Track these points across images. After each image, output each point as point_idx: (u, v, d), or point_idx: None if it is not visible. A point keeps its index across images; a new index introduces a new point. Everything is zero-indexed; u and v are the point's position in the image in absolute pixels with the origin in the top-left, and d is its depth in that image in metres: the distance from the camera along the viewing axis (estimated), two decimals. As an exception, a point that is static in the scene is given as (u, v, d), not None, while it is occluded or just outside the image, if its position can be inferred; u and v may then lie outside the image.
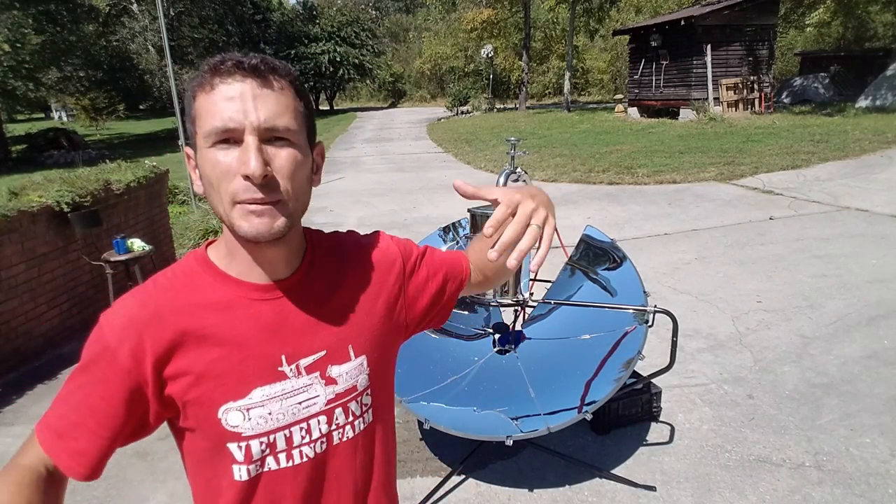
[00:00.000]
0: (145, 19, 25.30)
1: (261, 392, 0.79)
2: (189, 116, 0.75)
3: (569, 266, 3.19)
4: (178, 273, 0.81)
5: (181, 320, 0.77)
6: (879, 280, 4.72)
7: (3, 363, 3.78)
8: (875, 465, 2.61)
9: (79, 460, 0.77)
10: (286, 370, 0.81)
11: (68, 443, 0.77)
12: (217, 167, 0.71)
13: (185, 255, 0.85)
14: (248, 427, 0.79)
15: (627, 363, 2.40)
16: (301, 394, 0.82)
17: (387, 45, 42.41)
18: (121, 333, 0.75)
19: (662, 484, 2.56)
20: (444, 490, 2.57)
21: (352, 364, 0.86)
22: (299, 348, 0.82)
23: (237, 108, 0.70)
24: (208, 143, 0.72)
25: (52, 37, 17.33)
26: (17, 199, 3.98)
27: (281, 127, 0.72)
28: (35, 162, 15.89)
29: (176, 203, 8.45)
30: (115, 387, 0.75)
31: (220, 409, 0.78)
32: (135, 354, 0.75)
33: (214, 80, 0.71)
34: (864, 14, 21.02)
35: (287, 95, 0.74)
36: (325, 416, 0.84)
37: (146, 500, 2.62)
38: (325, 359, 0.83)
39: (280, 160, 0.72)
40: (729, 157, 10.46)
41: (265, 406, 0.79)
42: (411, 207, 8.39)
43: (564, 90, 24.53)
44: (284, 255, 0.81)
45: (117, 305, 0.78)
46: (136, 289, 0.81)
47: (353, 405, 0.87)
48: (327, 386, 0.84)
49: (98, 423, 0.76)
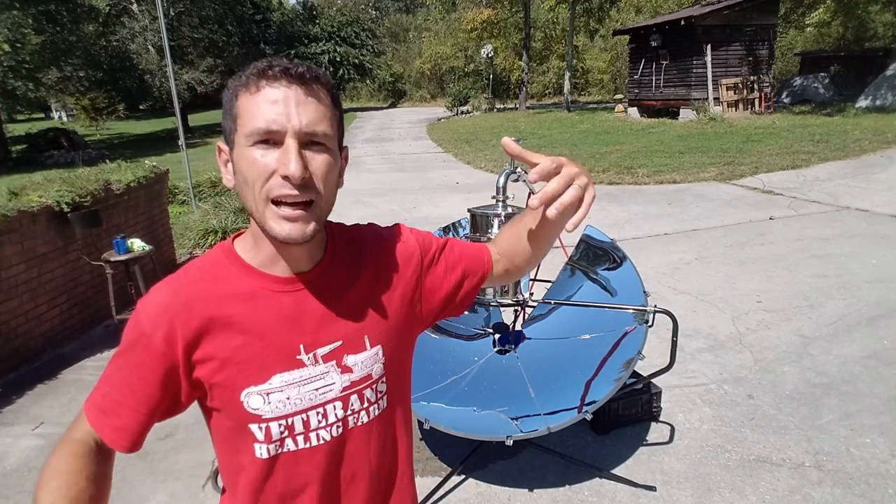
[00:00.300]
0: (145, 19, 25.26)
1: (280, 378, 0.84)
2: (228, 114, 0.79)
3: (569, 266, 3.19)
4: (207, 264, 0.87)
5: (209, 309, 0.82)
6: (879, 280, 4.72)
7: (3, 363, 3.78)
8: (875, 465, 2.61)
9: (121, 434, 0.83)
10: (304, 359, 0.86)
11: (112, 419, 0.83)
12: (255, 166, 0.76)
13: (214, 246, 0.91)
14: (268, 410, 0.84)
15: (627, 363, 2.40)
16: (318, 381, 0.87)
17: (387, 45, 42.39)
18: (155, 320, 0.81)
19: (662, 484, 2.56)
20: (445, 490, 2.57)
21: (367, 354, 0.90)
22: (317, 338, 0.86)
23: (281, 112, 0.74)
24: (249, 143, 0.76)
25: (52, 37, 17.33)
26: (17, 199, 3.98)
27: (319, 132, 0.77)
28: (35, 162, 15.90)
29: (176, 203, 8.45)
30: (151, 369, 0.82)
31: (243, 393, 0.83)
32: (168, 339, 0.81)
33: (261, 82, 0.75)
34: (864, 14, 21.02)
35: (326, 104, 0.78)
36: (340, 402, 0.89)
37: (146, 500, 2.62)
38: (341, 348, 0.88)
39: (316, 163, 0.77)
40: (729, 157, 10.46)
41: (284, 391, 0.84)
42: (411, 207, 8.39)
43: (564, 90, 24.52)
44: (308, 251, 0.86)
45: (153, 294, 0.84)
46: (170, 278, 0.86)
47: (367, 392, 0.91)
48: (343, 374, 0.88)
49: (137, 401, 0.82)
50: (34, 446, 3.05)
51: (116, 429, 0.83)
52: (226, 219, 6.69)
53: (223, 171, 0.84)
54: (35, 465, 2.89)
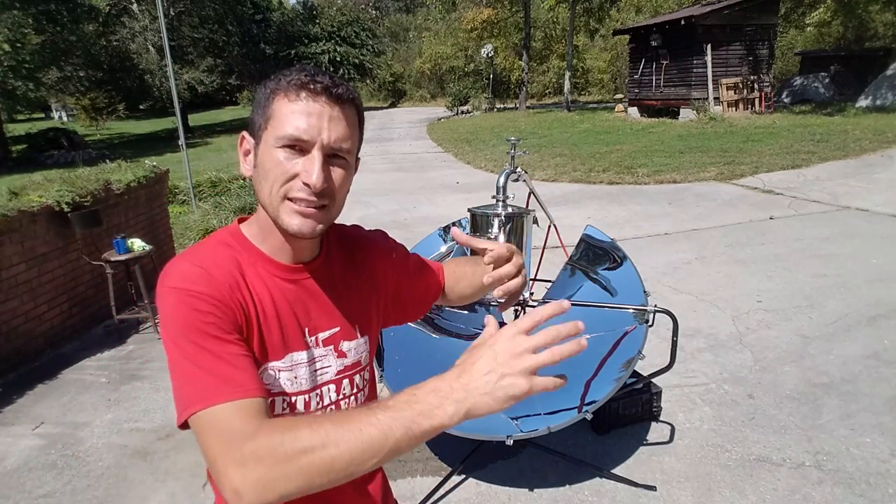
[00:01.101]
0: (145, 19, 25.25)
1: (291, 357, 0.89)
2: (261, 109, 0.84)
3: (569, 266, 3.19)
4: (220, 246, 0.88)
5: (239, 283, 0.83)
6: (880, 280, 4.72)
7: (4, 363, 3.78)
8: (875, 464, 2.61)
9: (258, 382, 0.75)
10: (309, 341, 0.91)
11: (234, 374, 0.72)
12: (280, 166, 0.81)
13: (219, 230, 0.92)
14: (277, 386, 0.88)
15: (628, 363, 2.40)
16: (318, 362, 0.92)
17: (387, 45, 42.32)
18: (202, 282, 0.78)
19: (663, 483, 2.56)
20: (445, 490, 2.57)
21: (358, 341, 0.98)
22: (319, 323, 0.92)
23: (314, 125, 0.80)
24: (278, 144, 0.81)
25: (52, 37, 17.35)
26: (17, 199, 3.98)
27: (343, 149, 0.84)
28: (35, 162, 15.91)
29: (176, 203, 8.45)
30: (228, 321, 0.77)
31: (261, 368, 0.85)
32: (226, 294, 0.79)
33: (301, 93, 0.81)
34: (865, 14, 20.99)
35: (353, 123, 0.86)
36: (334, 384, 0.95)
37: (146, 500, 2.62)
38: (338, 334, 0.94)
39: (335, 176, 0.84)
40: (729, 157, 10.46)
41: (293, 370, 0.89)
42: (411, 207, 8.39)
43: (564, 90, 24.51)
44: (311, 245, 0.92)
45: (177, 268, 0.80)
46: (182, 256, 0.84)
47: (357, 378, 0.98)
48: (339, 358, 0.95)
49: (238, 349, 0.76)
50: (34, 446, 3.05)
51: (254, 378, 0.74)
52: (226, 218, 6.69)
53: (242, 160, 0.90)
54: (35, 465, 2.89)
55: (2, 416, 3.36)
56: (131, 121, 32.62)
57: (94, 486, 2.72)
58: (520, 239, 2.45)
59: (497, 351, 0.67)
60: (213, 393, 0.70)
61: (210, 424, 0.69)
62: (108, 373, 3.82)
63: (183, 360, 0.73)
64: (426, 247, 3.36)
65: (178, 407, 0.72)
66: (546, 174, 10.22)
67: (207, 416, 0.69)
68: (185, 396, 0.72)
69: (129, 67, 26.53)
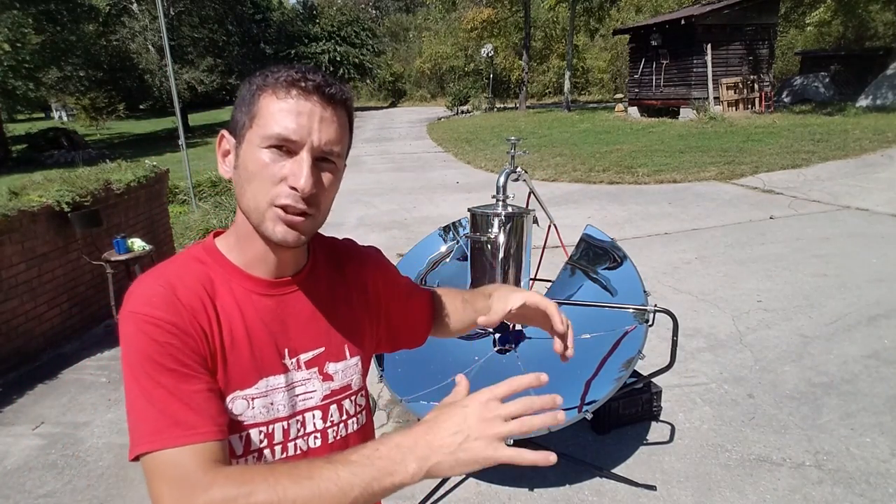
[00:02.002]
0: (145, 19, 25.24)
1: (265, 382, 0.81)
2: (245, 107, 0.78)
3: (569, 265, 3.19)
4: (191, 262, 0.81)
5: (204, 305, 0.77)
6: (880, 279, 4.72)
7: (4, 363, 3.78)
8: (875, 464, 2.61)
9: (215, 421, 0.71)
10: (288, 363, 0.83)
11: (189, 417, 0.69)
12: (266, 169, 0.75)
13: (193, 245, 0.87)
14: (251, 416, 0.80)
15: (628, 362, 2.40)
16: (299, 387, 0.84)
17: (387, 45, 42.32)
18: (164, 307, 0.73)
19: (663, 483, 2.56)
20: (445, 489, 2.58)
21: (347, 363, 0.90)
22: (301, 343, 0.85)
23: (303, 125, 0.75)
24: (264, 144, 0.75)
25: (52, 36, 17.34)
26: (17, 199, 3.98)
27: (333, 151, 0.78)
28: (35, 161, 15.90)
29: (176, 203, 8.45)
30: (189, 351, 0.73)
31: (229, 398, 0.78)
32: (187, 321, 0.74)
33: (291, 90, 0.75)
34: (865, 13, 20.98)
35: (344, 125, 0.80)
36: (320, 410, 0.87)
37: (146, 500, 2.62)
38: (323, 355, 0.87)
39: (324, 180, 0.78)
40: (729, 157, 10.46)
41: (268, 396, 0.81)
42: (411, 207, 8.39)
43: (564, 90, 24.50)
44: (294, 256, 0.86)
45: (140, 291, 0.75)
46: (148, 275, 0.78)
47: (346, 403, 0.90)
48: (324, 382, 0.87)
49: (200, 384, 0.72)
50: (35, 446, 3.05)
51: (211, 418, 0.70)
52: (226, 218, 6.70)
53: (220, 161, 0.83)
54: (35, 464, 2.89)
55: (2, 415, 3.36)
56: (131, 120, 32.61)
57: (94, 485, 2.72)
58: (520, 239, 2.45)
59: (468, 413, 0.66)
60: (164, 435, 0.67)
61: (160, 469, 0.66)
62: (108, 372, 3.82)
63: (138, 393, 0.69)
64: (426, 247, 3.37)
65: (130, 442, 0.68)
66: (546, 174, 10.22)
67: (157, 460, 0.66)
68: (136, 433, 0.68)
69: (129, 67, 26.51)
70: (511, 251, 2.43)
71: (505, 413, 0.65)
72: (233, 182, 0.81)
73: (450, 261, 3.26)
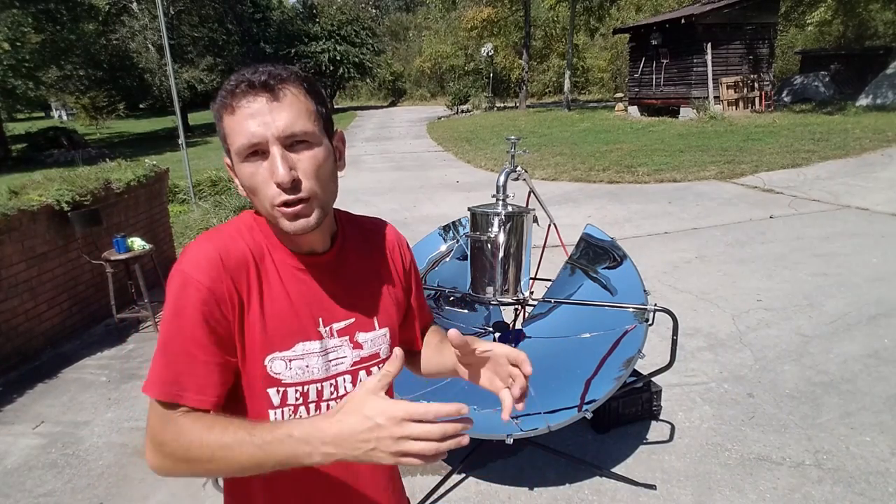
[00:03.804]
0: (145, 18, 25.21)
1: (302, 346, 0.89)
2: (220, 135, 0.85)
3: (569, 265, 3.19)
4: (243, 228, 0.90)
5: (251, 270, 0.86)
6: (880, 278, 4.72)
7: (4, 362, 3.78)
8: (875, 463, 2.61)
9: (206, 391, 0.82)
10: (322, 331, 0.92)
11: (188, 380, 0.81)
12: (253, 178, 0.82)
13: (241, 213, 0.95)
14: (288, 375, 0.89)
15: (628, 362, 2.40)
16: (332, 353, 0.93)
17: (387, 44, 42.28)
18: (210, 273, 0.82)
19: (662, 482, 2.56)
20: (445, 489, 2.58)
21: (376, 333, 0.98)
22: (334, 314, 0.93)
23: (258, 123, 0.79)
24: (241, 159, 0.82)
25: (51, 35, 17.31)
26: (17, 198, 3.98)
27: (299, 132, 0.81)
28: (35, 161, 15.89)
29: (176, 202, 8.44)
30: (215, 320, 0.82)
31: (267, 357, 0.87)
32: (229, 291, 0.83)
33: (233, 101, 0.81)
34: (865, 12, 20.98)
35: (299, 100, 0.82)
36: (350, 375, 0.95)
37: (146, 499, 2.63)
38: (354, 325, 0.95)
39: (304, 163, 0.82)
40: (729, 156, 10.46)
41: (304, 359, 0.90)
42: (412, 206, 8.39)
43: (565, 89, 24.49)
44: (319, 237, 0.93)
45: (197, 251, 0.84)
46: (207, 235, 0.88)
47: (375, 370, 0.98)
48: (354, 349, 0.95)
49: (208, 355, 0.82)
50: (35, 445, 3.05)
51: (199, 387, 0.81)
52: (226, 217, 6.69)
53: (235, 182, 0.90)
54: (35, 463, 2.89)
55: (2, 415, 3.37)
56: (131, 120, 32.60)
57: (94, 484, 2.73)
58: (520, 238, 2.45)
59: (380, 424, 0.69)
60: (164, 389, 0.81)
61: (153, 408, 0.83)
62: (108, 372, 3.82)
63: (162, 338, 0.82)
64: (426, 246, 3.37)
65: (147, 377, 0.83)
66: (546, 173, 10.22)
67: (153, 402, 0.82)
68: (150, 374, 0.82)
69: (129, 66, 26.47)
70: (511, 250, 2.43)
71: (415, 434, 0.69)
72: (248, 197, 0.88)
73: (450, 260, 3.27)
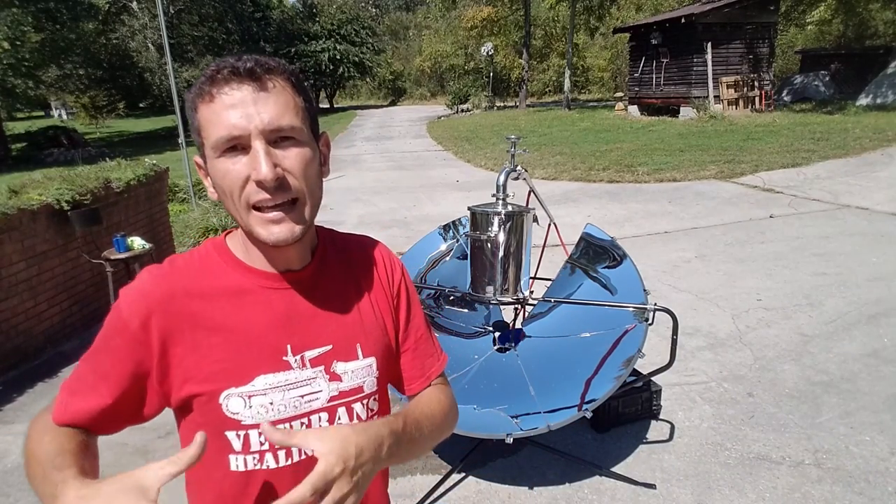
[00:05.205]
0: (145, 17, 25.23)
1: (263, 380, 0.78)
2: (193, 128, 0.76)
3: (569, 264, 3.19)
4: (196, 257, 0.83)
5: (191, 303, 0.78)
6: (879, 278, 4.72)
7: (4, 361, 3.78)
8: (874, 462, 2.61)
9: (76, 416, 0.80)
10: (290, 360, 0.80)
11: (76, 399, 0.80)
12: (228, 176, 0.73)
13: (205, 241, 0.87)
14: (249, 415, 0.78)
15: (627, 361, 2.40)
16: (304, 386, 0.80)
17: (387, 43, 42.31)
18: (132, 307, 0.78)
19: (662, 482, 2.57)
20: (445, 488, 2.58)
21: (359, 363, 0.85)
22: (306, 340, 0.81)
23: (240, 115, 0.70)
24: (217, 154, 0.73)
25: (51, 34, 17.31)
26: (17, 198, 3.98)
27: (286, 126, 0.72)
28: (35, 160, 15.88)
29: (176, 201, 8.44)
30: (124, 355, 0.78)
31: (222, 395, 0.77)
32: (144, 327, 0.77)
33: (213, 89, 0.72)
34: (865, 12, 20.98)
35: (287, 93, 0.74)
36: (326, 413, 0.82)
37: (147, 498, 2.62)
38: (330, 353, 0.82)
39: (289, 160, 0.73)
40: (729, 156, 10.46)
41: (267, 395, 0.78)
42: (411, 205, 8.38)
43: (565, 88, 24.48)
44: (298, 251, 0.82)
45: (135, 281, 0.81)
46: (153, 267, 0.83)
47: (357, 407, 0.85)
48: (331, 382, 0.82)
49: (106, 387, 0.79)
50: (35, 444, 3.05)
51: (77, 411, 0.79)
52: (226, 217, 6.68)
53: (206, 184, 0.80)
54: (36, 462, 2.89)
55: (2, 414, 3.37)
56: (131, 119, 32.58)
57: (94, 484, 2.72)
58: (520, 237, 2.45)
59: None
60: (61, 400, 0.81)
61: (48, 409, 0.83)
62: (108, 371, 3.82)
63: (86, 352, 0.83)
64: (426, 245, 3.37)
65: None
66: (546, 172, 10.22)
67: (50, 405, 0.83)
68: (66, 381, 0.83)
69: (129, 65, 26.51)
70: (511, 250, 2.43)
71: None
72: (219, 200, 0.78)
73: (450, 259, 3.27)
